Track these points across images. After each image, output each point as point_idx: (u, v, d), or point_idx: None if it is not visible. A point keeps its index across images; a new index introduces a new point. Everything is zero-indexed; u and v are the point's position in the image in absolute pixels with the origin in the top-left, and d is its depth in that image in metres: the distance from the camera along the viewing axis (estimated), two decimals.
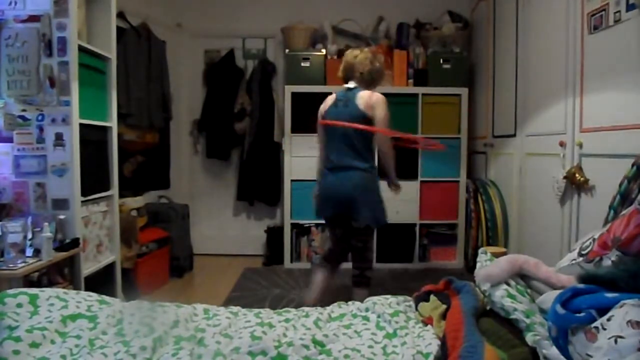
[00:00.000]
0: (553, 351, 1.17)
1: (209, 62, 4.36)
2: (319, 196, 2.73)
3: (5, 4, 2.33)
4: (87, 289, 2.37)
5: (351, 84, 2.67)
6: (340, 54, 4.00)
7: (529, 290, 1.55)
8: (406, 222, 3.89)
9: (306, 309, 1.84)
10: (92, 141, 2.63)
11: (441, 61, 3.87)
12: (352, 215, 2.57)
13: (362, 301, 1.88)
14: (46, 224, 2.21)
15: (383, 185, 2.75)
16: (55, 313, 1.52)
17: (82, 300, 1.64)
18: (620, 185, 1.76)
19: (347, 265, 3.86)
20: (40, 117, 2.36)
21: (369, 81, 2.68)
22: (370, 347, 1.48)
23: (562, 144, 2.50)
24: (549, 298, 1.35)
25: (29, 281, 2.11)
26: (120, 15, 3.29)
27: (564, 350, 1.14)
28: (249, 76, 4.31)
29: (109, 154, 2.82)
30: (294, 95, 3.84)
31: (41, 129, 2.37)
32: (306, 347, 1.43)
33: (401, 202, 3.87)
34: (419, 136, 2.60)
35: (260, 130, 4.20)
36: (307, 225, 3.95)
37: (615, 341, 0.99)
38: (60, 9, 2.32)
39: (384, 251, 3.90)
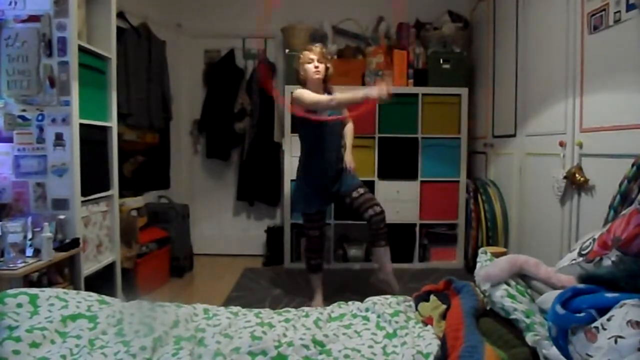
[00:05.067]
0: (553, 351, 1.17)
1: (209, 62, 4.36)
2: None
3: (5, 4, 2.33)
4: (87, 289, 2.37)
5: None
6: (340, 54, 4.01)
7: (529, 290, 1.55)
8: (406, 222, 3.89)
9: (306, 308, 1.84)
10: (92, 141, 2.63)
11: (441, 61, 3.86)
12: None
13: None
14: (46, 224, 2.21)
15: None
16: (55, 313, 1.52)
17: (82, 300, 1.64)
18: (620, 185, 1.76)
19: (342, 266, 3.86)
20: (40, 117, 2.36)
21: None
22: (370, 347, 1.48)
23: (562, 144, 2.49)
24: (549, 298, 1.35)
25: (29, 281, 2.11)
26: (120, 15, 3.29)
27: (564, 350, 1.14)
28: (249, 76, 4.31)
29: (109, 154, 2.82)
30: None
31: (41, 129, 2.37)
32: (306, 347, 1.43)
33: (401, 202, 3.88)
34: None
35: (260, 130, 4.19)
36: None
37: (615, 341, 0.99)
38: (60, 9, 2.32)
39: None
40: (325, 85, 2.88)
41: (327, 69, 2.84)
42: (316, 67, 2.78)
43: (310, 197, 2.87)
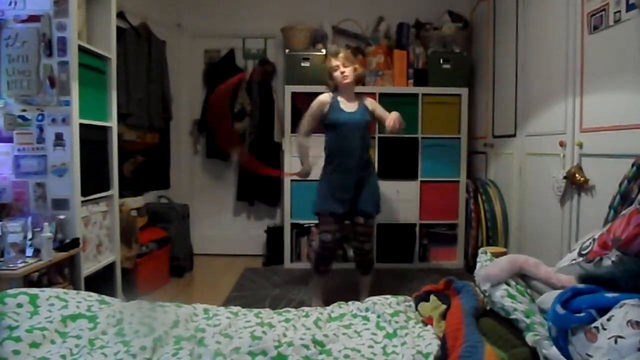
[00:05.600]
0: (553, 351, 1.17)
1: (209, 62, 4.36)
2: None
3: (5, 4, 2.33)
4: (87, 289, 2.37)
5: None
6: None
7: (529, 290, 1.55)
8: (406, 222, 3.89)
9: (306, 308, 1.84)
10: (92, 141, 2.63)
11: (441, 61, 3.87)
12: None
13: None
14: (46, 224, 2.21)
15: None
16: (55, 313, 1.52)
17: (82, 300, 1.64)
18: (620, 185, 1.76)
19: (342, 266, 3.85)
20: (40, 117, 2.36)
21: None
22: (370, 347, 1.48)
23: (562, 144, 2.50)
24: (549, 298, 1.35)
25: (29, 281, 2.11)
26: (120, 15, 3.29)
27: (564, 350, 1.14)
28: (249, 76, 4.31)
29: (109, 154, 2.82)
30: (294, 95, 3.84)
31: (41, 129, 2.37)
32: (306, 347, 1.43)
33: (401, 202, 3.88)
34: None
35: (260, 130, 4.19)
36: (307, 225, 3.95)
37: (615, 341, 0.99)
38: (60, 9, 2.32)
39: (384, 251, 3.90)
40: (357, 94, 2.90)
41: (355, 69, 2.82)
42: (342, 72, 2.77)
43: (326, 198, 2.79)
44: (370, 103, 2.91)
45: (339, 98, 2.83)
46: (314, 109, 2.84)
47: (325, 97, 2.84)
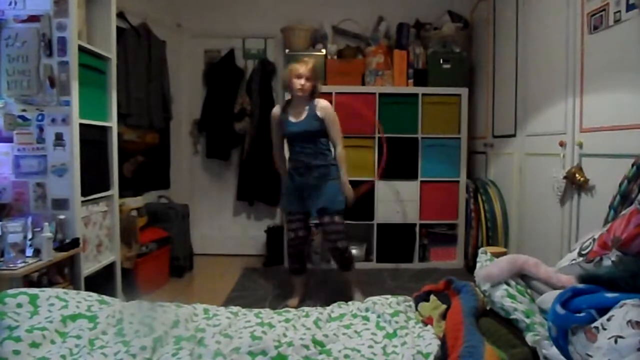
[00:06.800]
0: (553, 351, 1.17)
1: (209, 62, 4.36)
2: None
3: (5, 4, 2.33)
4: (87, 289, 2.37)
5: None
6: (340, 54, 4.01)
7: (529, 290, 1.55)
8: (406, 222, 3.89)
9: (306, 308, 1.84)
10: (92, 141, 2.62)
11: (441, 61, 3.86)
12: None
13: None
14: (46, 224, 2.21)
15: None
16: (55, 313, 1.52)
17: (82, 300, 1.64)
18: (620, 185, 1.76)
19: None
20: (40, 117, 2.36)
21: None
22: (370, 347, 1.48)
23: (562, 144, 2.50)
24: (549, 298, 1.35)
25: (29, 281, 2.11)
26: (120, 15, 3.29)
27: (564, 350, 1.14)
28: (249, 76, 4.31)
29: (109, 154, 2.82)
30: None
31: (41, 129, 2.37)
32: (306, 347, 1.43)
33: (401, 202, 3.87)
34: None
35: (260, 130, 4.19)
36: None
37: (615, 341, 0.99)
38: (60, 9, 2.32)
39: (384, 251, 3.90)
40: (310, 98, 2.85)
41: (314, 86, 2.83)
42: (302, 84, 2.77)
43: (289, 196, 2.93)
44: (322, 110, 2.80)
45: (288, 110, 2.88)
46: (273, 125, 2.97)
47: (275, 111, 2.94)
